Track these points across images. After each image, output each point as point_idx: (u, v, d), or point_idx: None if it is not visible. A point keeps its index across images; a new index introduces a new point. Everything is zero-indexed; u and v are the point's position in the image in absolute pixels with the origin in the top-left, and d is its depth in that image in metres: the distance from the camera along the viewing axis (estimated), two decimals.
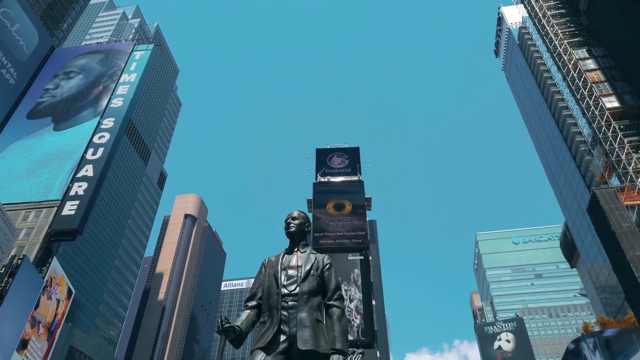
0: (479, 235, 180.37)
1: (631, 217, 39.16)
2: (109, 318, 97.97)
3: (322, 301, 4.57)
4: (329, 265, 4.77)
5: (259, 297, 4.67)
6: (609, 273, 54.99)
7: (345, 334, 4.34)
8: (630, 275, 33.94)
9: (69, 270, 55.58)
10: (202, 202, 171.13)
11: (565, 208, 73.19)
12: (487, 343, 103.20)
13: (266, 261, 4.92)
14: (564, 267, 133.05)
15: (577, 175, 62.95)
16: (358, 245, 48.23)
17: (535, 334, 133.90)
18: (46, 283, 34.45)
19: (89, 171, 43.02)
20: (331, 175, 56.09)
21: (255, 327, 4.59)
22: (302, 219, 5.10)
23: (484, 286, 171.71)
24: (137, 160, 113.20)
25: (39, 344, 33.14)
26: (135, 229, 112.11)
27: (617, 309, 59.76)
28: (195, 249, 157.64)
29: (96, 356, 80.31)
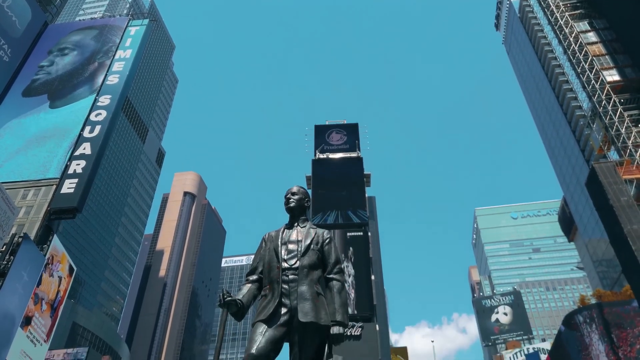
0: (478, 210, 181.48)
1: (629, 191, 39.28)
2: (111, 295, 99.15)
3: (322, 275, 4.61)
4: (329, 239, 4.79)
5: (259, 271, 4.70)
6: (606, 247, 55.53)
7: (345, 307, 4.38)
8: (627, 248, 34.22)
9: (70, 248, 55.93)
10: (201, 179, 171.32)
11: (563, 182, 73.42)
12: (485, 316, 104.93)
13: (266, 236, 4.94)
14: (562, 242, 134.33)
15: (576, 149, 62.93)
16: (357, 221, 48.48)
17: (532, 307, 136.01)
18: (47, 261, 34.67)
19: (86, 149, 42.85)
20: (330, 152, 56.00)
21: (256, 300, 4.63)
22: (302, 194, 5.10)
23: (482, 261, 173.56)
24: (134, 138, 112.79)
25: (43, 320, 33.55)
26: (134, 207, 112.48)
27: (613, 281, 60.56)
28: (195, 226, 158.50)
29: (99, 332, 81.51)
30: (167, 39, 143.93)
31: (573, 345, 43.12)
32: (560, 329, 47.36)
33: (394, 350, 79.94)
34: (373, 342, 41.54)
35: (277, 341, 4.11)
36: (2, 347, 27.87)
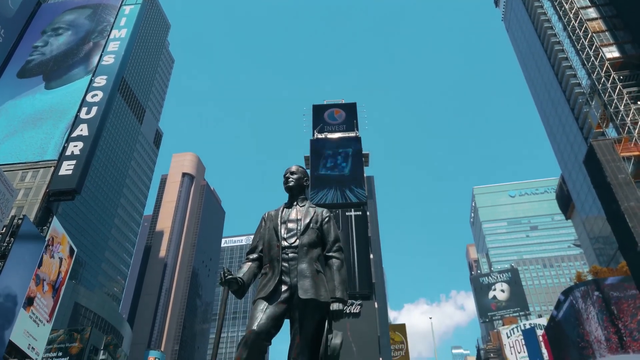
0: (476, 189, 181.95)
1: (627, 168, 39.38)
2: (111, 275, 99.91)
3: (321, 253, 4.64)
4: (328, 218, 4.82)
5: (259, 249, 4.74)
6: (603, 224, 55.90)
7: (344, 284, 4.43)
8: (624, 225, 34.48)
9: (69, 229, 56.14)
10: (199, 160, 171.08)
11: (562, 160, 73.51)
12: (483, 293, 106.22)
13: (266, 215, 4.96)
14: (559, 219, 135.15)
15: (575, 127, 62.83)
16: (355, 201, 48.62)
17: (530, 283, 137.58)
18: (48, 242, 34.82)
19: (83, 130, 42.65)
20: (328, 132, 55.79)
21: (256, 278, 4.68)
22: (301, 174, 5.11)
23: (479, 239, 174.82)
24: (131, 119, 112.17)
25: (45, 300, 33.86)
26: (133, 188, 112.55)
27: (609, 258, 61.15)
28: (194, 207, 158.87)
29: (101, 312, 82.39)
30: (162, 18, 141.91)
31: (569, 321, 43.78)
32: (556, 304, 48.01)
33: (393, 327, 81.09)
34: (372, 319, 42.08)
35: (277, 318, 4.17)
36: (6, 328, 28.20)
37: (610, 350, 38.17)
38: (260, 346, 3.99)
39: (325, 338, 4.12)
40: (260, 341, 3.99)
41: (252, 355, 3.93)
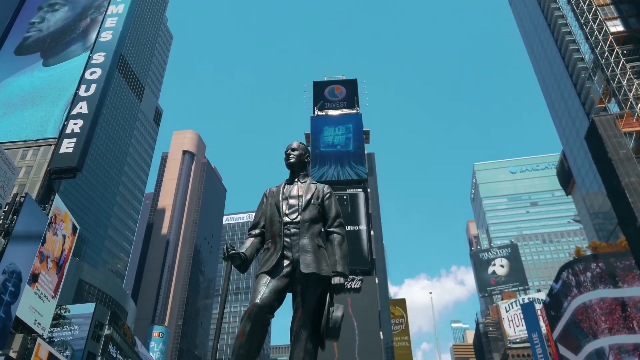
0: (477, 165, 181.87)
1: (628, 143, 39.28)
2: (114, 252, 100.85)
3: (323, 228, 4.70)
4: (329, 194, 4.86)
5: (261, 225, 4.79)
6: (603, 199, 56.08)
7: (345, 258, 4.50)
8: (624, 200, 34.58)
9: (72, 207, 56.39)
10: (200, 138, 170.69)
11: (563, 136, 73.28)
12: (482, 269, 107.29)
13: (267, 191, 4.99)
14: (560, 195, 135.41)
15: (577, 102, 62.43)
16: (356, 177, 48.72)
17: (529, 259, 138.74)
18: (50, 220, 35.03)
19: (83, 108, 42.43)
20: (329, 109, 55.53)
21: (259, 253, 4.75)
22: (302, 150, 5.12)
23: (480, 215, 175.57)
24: (131, 97, 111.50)
25: (49, 277, 34.26)
26: (134, 166, 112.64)
27: (609, 233, 61.53)
28: (195, 185, 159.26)
29: (105, 288, 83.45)
30: None
31: (567, 295, 44.33)
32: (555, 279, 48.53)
33: (393, 302, 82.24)
34: (372, 294, 42.66)
35: (280, 291, 4.24)
36: (12, 303, 28.64)
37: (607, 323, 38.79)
38: (263, 319, 4.07)
39: (326, 311, 4.19)
40: (263, 314, 4.07)
41: (255, 327, 4.01)
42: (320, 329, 4.18)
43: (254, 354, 4.01)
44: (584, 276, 42.31)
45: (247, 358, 3.96)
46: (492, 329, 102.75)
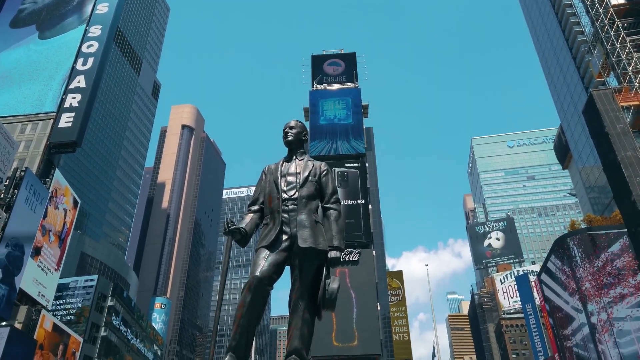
0: (474, 139, 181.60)
1: (626, 118, 39.31)
2: (116, 226, 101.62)
3: (320, 204, 4.92)
4: (326, 171, 5.05)
5: (260, 201, 5.00)
6: (599, 173, 56.45)
7: (341, 233, 4.73)
8: (620, 174, 34.85)
9: (72, 181, 56.65)
10: (199, 112, 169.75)
11: (561, 110, 73.17)
12: (478, 242, 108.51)
13: (266, 169, 5.17)
14: (556, 169, 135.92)
15: (576, 76, 62.13)
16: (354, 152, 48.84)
17: (524, 232, 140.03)
18: (51, 194, 35.32)
19: (81, 82, 42.11)
20: (327, 83, 55.21)
21: (258, 228, 4.98)
22: (299, 128, 5.26)
23: (477, 189, 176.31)
24: (128, 70, 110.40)
25: (52, 250, 34.74)
26: (133, 140, 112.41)
27: (604, 207, 62.16)
28: (195, 159, 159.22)
29: (107, 261, 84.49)
30: None
31: (562, 268, 45.11)
32: (549, 251, 49.28)
33: (390, 274, 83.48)
34: (370, 266, 43.35)
35: (279, 264, 4.48)
36: (16, 275, 29.17)
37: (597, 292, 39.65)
38: (263, 291, 4.31)
39: (323, 283, 4.44)
40: (263, 286, 4.31)
41: (256, 298, 4.26)
42: (317, 300, 4.45)
43: (254, 323, 4.29)
44: (577, 248, 43.00)
45: (247, 327, 4.23)
46: (486, 300, 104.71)
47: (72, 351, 37.68)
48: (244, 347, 4.21)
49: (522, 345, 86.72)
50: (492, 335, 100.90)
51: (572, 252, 43.41)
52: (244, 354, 4.20)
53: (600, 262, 40.66)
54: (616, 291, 38.63)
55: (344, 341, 40.44)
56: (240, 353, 4.19)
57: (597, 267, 40.66)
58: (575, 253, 43.08)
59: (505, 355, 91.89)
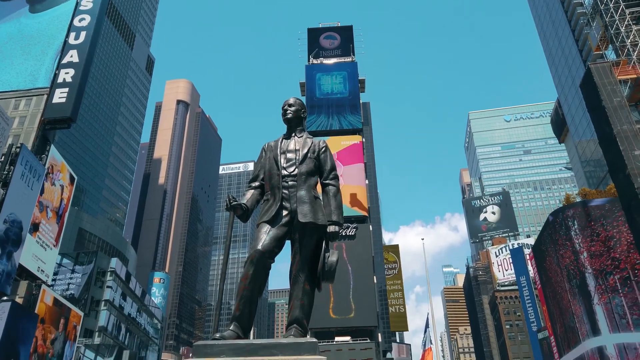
0: (471, 114, 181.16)
1: (623, 91, 39.23)
2: (113, 202, 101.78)
3: (318, 180, 5.02)
4: (325, 148, 5.13)
5: (261, 178, 5.10)
6: (595, 147, 56.64)
7: (340, 208, 4.85)
8: (615, 148, 34.99)
9: (68, 158, 56.45)
10: (194, 87, 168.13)
11: (559, 84, 72.89)
12: (474, 216, 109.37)
13: (266, 146, 5.25)
14: (553, 143, 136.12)
15: (574, 49, 61.70)
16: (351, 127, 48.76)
17: (520, 206, 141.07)
18: (47, 170, 35.24)
19: (74, 57, 41.58)
20: (324, 57, 54.71)
21: (259, 204, 5.09)
22: (298, 106, 5.32)
23: (473, 163, 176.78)
24: (121, 45, 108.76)
25: (50, 226, 34.87)
26: (128, 116, 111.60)
27: (599, 181, 62.61)
28: (191, 134, 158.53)
29: (105, 236, 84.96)
30: None
31: (556, 240, 45.71)
32: (544, 224, 49.82)
33: (387, 248, 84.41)
34: (367, 241, 43.85)
35: (279, 239, 4.61)
36: (15, 252, 29.39)
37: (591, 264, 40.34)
38: (264, 264, 4.46)
39: (322, 256, 4.58)
40: (265, 259, 4.46)
41: (258, 271, 4.41)
42: (317, 272, 4.59)
43: (256, 295, 4.45)
44: (572, 221, 43.50)
45: (250, 299, 4.39)
46: (481, 273, 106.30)
47: (74, 325, 38.22)
48: (247, 317, 4.37)
49: (515, 316, 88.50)
50: (487, 307, 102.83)
51: (567, 225, 43.92)
52: (247, 324, 4.36)
53: (594, 234, 41.21)
54: (611, 262, 39.28)
55: (341, 314, 41.22)
56: (243, 323, 4.34)
57: (591, 239, 41.23)
58: (570, 225, 43.60)
59: (499, 326, 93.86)
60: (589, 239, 41.61)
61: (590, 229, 41.77)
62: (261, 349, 3.77)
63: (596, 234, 41.30)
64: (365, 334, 43.17)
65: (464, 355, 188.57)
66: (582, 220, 42.94)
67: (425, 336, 47.52)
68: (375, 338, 42.94)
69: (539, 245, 52.02)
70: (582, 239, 42.16)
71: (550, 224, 47.18)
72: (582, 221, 42.80)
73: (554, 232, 46.19)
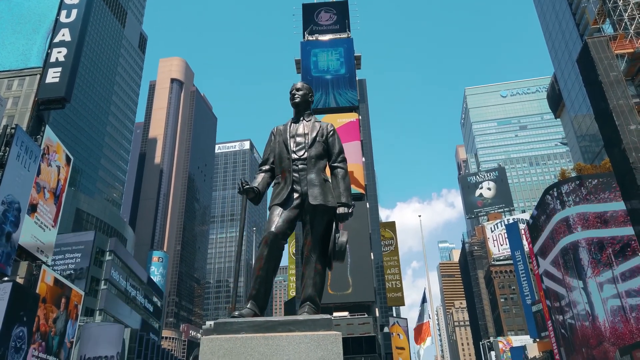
0: (468, 90, 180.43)
1: (619, 66, 39.14)
2: (109, 182, 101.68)
3: (327, 163, 5.15)
4: (333, 131, 5.25)
5: (271, 161, 5.23)
6: (590, 122, 56.80)
7: (348, 190, 5.00)
8: (611, 123, 35.12)
9: (63, 138, 55.98)
10: (187, 65, 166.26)
11: (555, 59, 72.60)
12: (470, 192, 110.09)
13: (275, 130, 5.36)
14: (549, 118, 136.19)
15: (572, 23, 61.27)
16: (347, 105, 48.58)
17: (515, 181, 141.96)
18: (43, 151, 35.13)
19: (65, 35, 41.01)
20: (319, 33, 54.09)
21: (269, 187, 5.23)
22: (306, 90, 5.42)
23: (469, 139, 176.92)
24: (113, 22, 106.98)
25: (47, 207, 34.95)
26: (122, 95, 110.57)
27: (594, 155, 62.99)
28: (186, 113, 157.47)
29: (103, 216, 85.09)
30: None
31: (551, 215, 46.21)
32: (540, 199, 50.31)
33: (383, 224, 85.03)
34: (363, 218, 44.20)
35: (291, 221, 4.77)
36: (14, 232, 29.52)
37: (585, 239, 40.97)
38: (278, 245, 4.64)
39: (333, 237, 4.76)
40: (278, 240, 4.63)
41: (272, 252, 4.59)
42: (328, 252, 4.76)
43: (271, 275, 4.64)
44: (567, 196, 43.97)
45: (265, 279, 4.58)
46: (477, 248, 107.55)
47: (75, 304, 38.64)
48: (262, 295, 4.56)
49: (510, 290, 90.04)
50: (482, 282, 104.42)
51: (562, 200, 44.38)
52: (263, 303, 4.56)
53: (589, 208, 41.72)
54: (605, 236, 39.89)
55: (339, 289, 41.84)
56: (259, 301, 4.54)
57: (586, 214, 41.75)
58: (564, 200, 44.05)
59: (494, 300, 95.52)
60: (583, 213, 42.13)
61: (585, 203, 42.27)
62: (279, 326, 3.96)
63: (591, 208, 41.82)
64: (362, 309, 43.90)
65: (459, 328, 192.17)
66: (577, 195, 43.39)
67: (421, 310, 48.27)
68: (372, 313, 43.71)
69: (534, 220, 52.61)
70: (576, 214, 42.68)
71: (545, 199, 47.65)
72: (577, 196, 43.26)
73: (549, 207, 46.69)
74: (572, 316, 43.10)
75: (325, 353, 3.78)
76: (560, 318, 46.29)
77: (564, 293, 44.48)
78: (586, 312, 40.41)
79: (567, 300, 43.73)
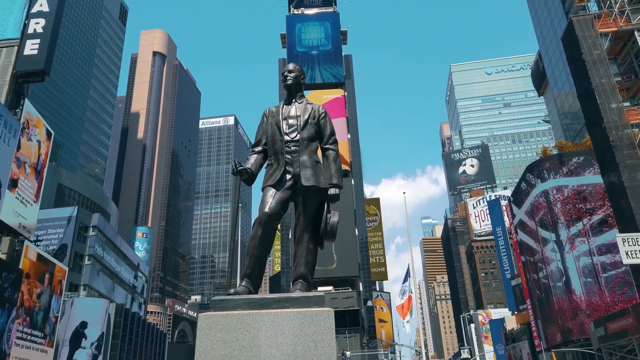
0: (453, 66, 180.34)
1: (603, 44, 39.47)
2: (91, 157, 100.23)
3: (319, 145, 5.25)
4: (324, 113, 5.33)
5: (263, 143, 5.30)
6: (573, 100, 57.48)
7: (339, 172, 5.13)
8: (593, 101, 35.63)
9: (43, 112, 54.87)
10: (170, 38, 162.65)
11: (540, 37, 72.79)
12: (453, 169, 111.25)
13: (267, 112, 5.41)
14: (532, 96, 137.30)
15: (557, 1, 61.28)
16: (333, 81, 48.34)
17: (498, 158, 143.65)
18: (23, 125, 34.42)
19: (43, 5, 39.73)
20: (305, 7, 53.35)
21: (262, 168, 5.32)
22: (298, 72, 5.47)
23: (454, 116, 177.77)
24: None
25: (29, 182, 34.44)
26: (103, 68, 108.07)
27: (575, 133, 64.00)
28: (169, 87, 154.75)
29: (86, 192, 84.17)
30: None
31: (531, 192, 47.13)
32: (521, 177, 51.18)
33: (368, 201, 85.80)
34: (348, 195, 44.57)
35: (284, 201, 4.88)
36: None
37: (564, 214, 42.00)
38: (272, 225, 4.77)
39: (324, 217, 4.90)
40: (272, 221, 4.76)
41: (266, 231, 4.72)
42: (320, 232, 4.91)
43: (265, 254, 4.79)
44: (547, 172, 44.87)
45: (260, 257, 4.73)
46: (459, 224, 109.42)
47: (59, 279, 38.53)
48: (257, 274, 4.72)
49: (490, 264, 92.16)
50: (463, 257, 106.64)
51: (542, 177, 45.23)
52: (257, 281, 4.71)
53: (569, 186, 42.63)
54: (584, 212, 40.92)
55: (323, 265, 42.42)
56: (254, 280, 4.70)
57: (565, 191, 42.68)
58: (545, 177, 44.91)
59: (474, 274, 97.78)
60: (562, 190, 43.05)
61: (565, 180, 43.17)
62: (273, 303, 4.13)
63: (570, 186, 42.73)
64: (347, 284, 44.66)
65: (441, 302, 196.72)
66: (557, 172, 44.23)
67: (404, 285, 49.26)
68: (356, 287, 44.52)
69: (515, 197, 53.60)
70: (556, 191, 43.59)
71: (527, 176, 48.50)
72: (558, 173, 44.11)
73: (530, 184, 47.58)
74: (546, 275, 44.55)
75: (318, 328, 3.97)
76: (535, 277, 47.70)
77: (543, 266, 45.72)
78: (560, 271, 41.79)
79: (546, 274, 44.99)
